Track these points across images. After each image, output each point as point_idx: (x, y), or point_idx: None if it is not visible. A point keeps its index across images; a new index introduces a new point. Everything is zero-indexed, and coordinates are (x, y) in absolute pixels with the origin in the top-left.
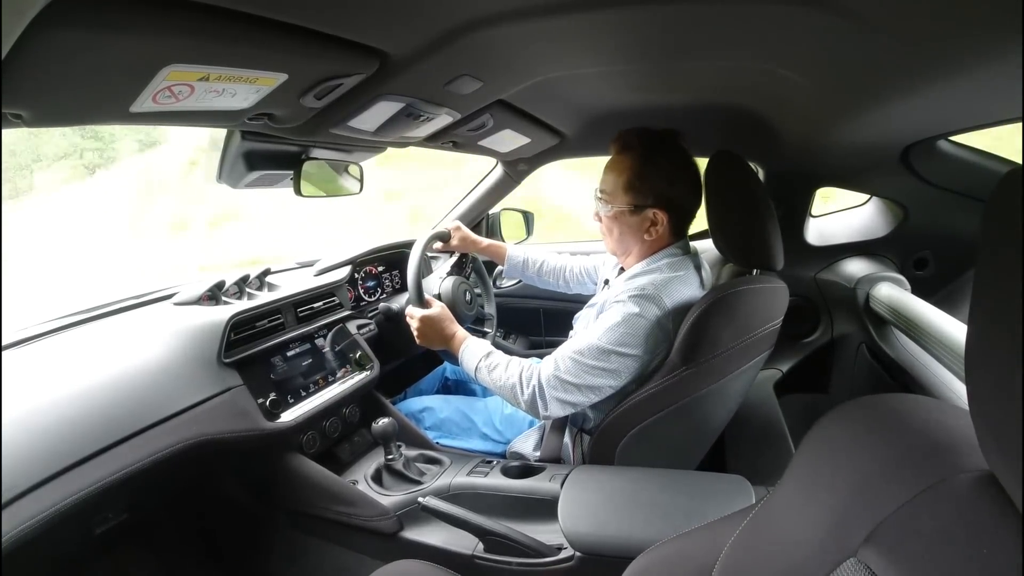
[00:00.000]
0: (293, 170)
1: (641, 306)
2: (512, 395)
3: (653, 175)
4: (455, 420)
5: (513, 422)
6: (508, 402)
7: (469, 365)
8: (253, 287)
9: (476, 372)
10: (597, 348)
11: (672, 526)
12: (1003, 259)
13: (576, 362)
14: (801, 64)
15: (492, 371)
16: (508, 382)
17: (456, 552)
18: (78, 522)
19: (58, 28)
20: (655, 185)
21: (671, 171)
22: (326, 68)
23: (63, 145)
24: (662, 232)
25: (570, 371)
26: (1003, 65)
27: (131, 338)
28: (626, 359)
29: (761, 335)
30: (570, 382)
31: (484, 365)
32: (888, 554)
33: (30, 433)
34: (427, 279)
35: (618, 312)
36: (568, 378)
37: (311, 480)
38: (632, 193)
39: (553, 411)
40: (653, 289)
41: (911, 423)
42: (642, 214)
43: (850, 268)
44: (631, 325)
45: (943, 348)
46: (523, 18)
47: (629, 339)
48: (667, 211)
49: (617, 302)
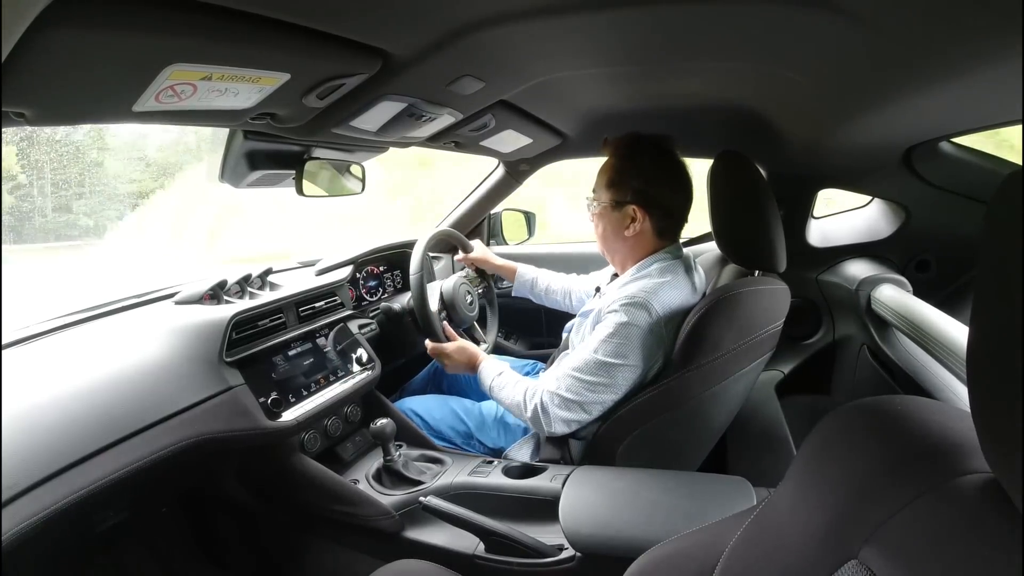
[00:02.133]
0: (295, 170)
1: (631, 314)
2: (519, 413)
3: (631, 172)
4: (449, 423)
5: (507, 428)
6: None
7: (484, 384)
8: (255, 286)
9: (490, 391)
10: (595, 362)
11: (673, 527)
12: (1005, 261)
13: (575, 379)
14: (803, 65)
15: (502, 390)
16: (514, 400)
17: (457, 552)
18: (79, 521)
19: (61, 27)
20: (633, 182)
21: (651, 169)
22: (328, 68)
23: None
24: (642, 230)
25: (571, 389)
26: (1005, 67)
27: (132, 337)
28: (623, 370)
29: (763, 337)
30: (571, 399)
31: (496, 384)
32: (889, 556)
33: (31, 431)
34: (429, 285)
35: (611, 323)
36: (569, 396)
37: (312, 479)
38: (612, 190)
39: (557, 429)
40: (644, 296)
41: (912, 425)
42: (622, 211)
43: (852, 270)
44: (624, 335)
45: (945, 350)
46: (525, 19)
47: (624, 349)
48: (645, 208)
49: (610, 312)
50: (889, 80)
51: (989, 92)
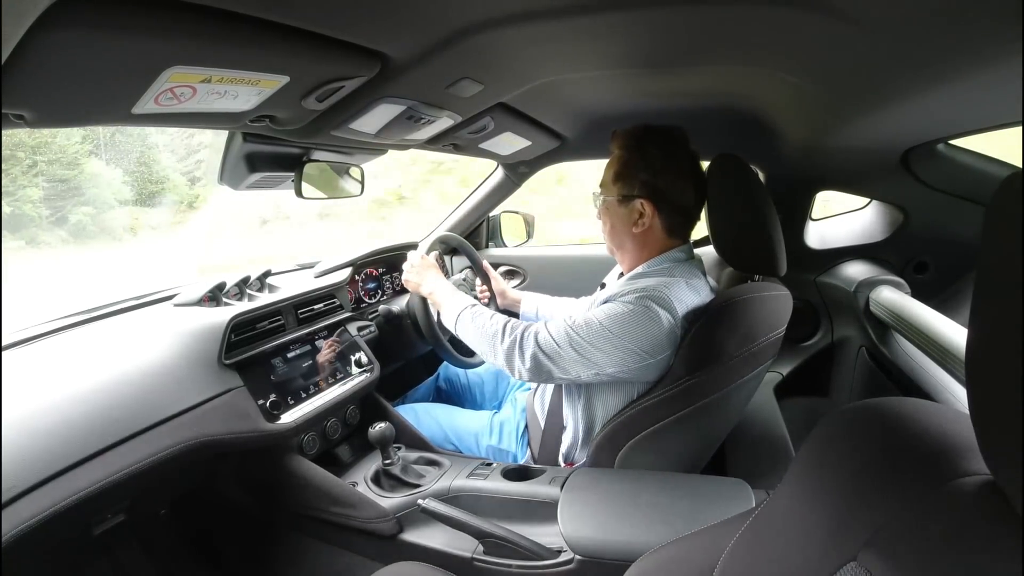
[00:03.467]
0: (294, 172)
1: (651, 307)
2: (491, 344)
3: (640, 164)
4: (443, 434)
5: (501, 436)
6: (483, 355)
7: (452, 311)
8: (253, 288)
9: (458, 319)
10: (594, 325)
11: (672, 529)
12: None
13: (566, 330)
14: (801, 68)
15: (476, 317)
16: (492, 328)
17: (455, 554)
18: (77, 523)
19: (60, 29)
20: (640, 174)
21: (659, 161)
22: (328, 70)
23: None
24: (651, 226)
25: (558, 336)
26: (1003, 69)
27: (132, 339)
28: (623, 351)
29: (765, 343)
30: (552, 344)
31: (469, 313)
32: (888, 558)
33: (30, 433)
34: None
35: (625, 307)
36: (551, 341)
37: (311, 482)
38: (620, 183)
39: (528, 367)
40: (664, 292)
41: (911, 427)
42: (630, 205)
43: (850, 271)
44: (638, 322)
45: (943, 352)
46: (524, 22)
47: (633, 332)
48: (653, 202)
49: (623, 300)
50: (887, 82)
51: (987, 94)
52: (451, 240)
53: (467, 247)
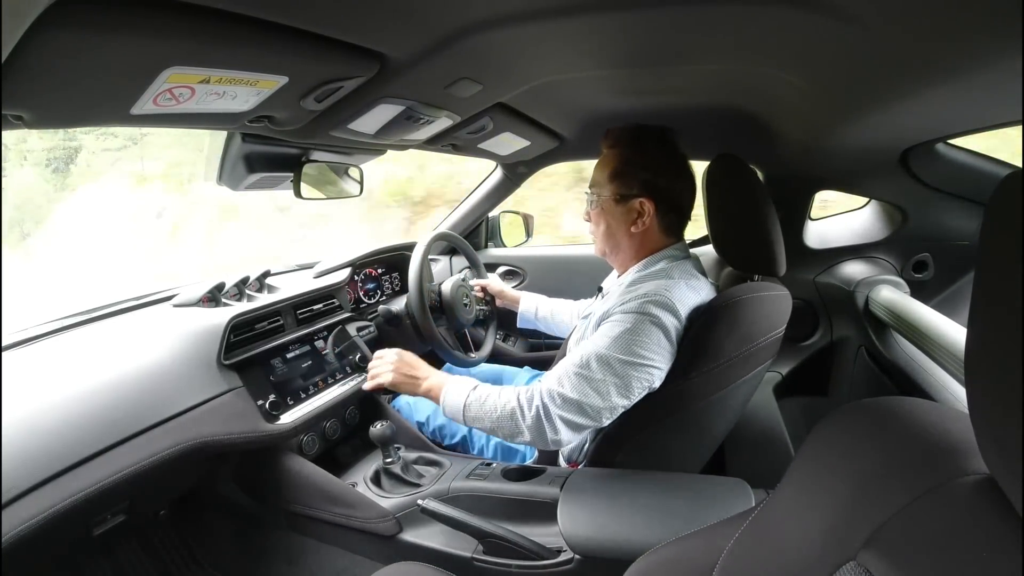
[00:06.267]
0: (293, 172)
1: (654, 313)
2: (513, 425)
3: (639, 163)
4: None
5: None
6: (508, 440)
7: (456, 402)
8: (252, 289)
9: (465, 409)
10: (603, 358)
11: (671, 529)
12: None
13: (580, 376)
14: (800, 67)
15: (484, 402)
16: (507, 408)
17: (455, 554)
18: (77, 523)
19: (59, 30)
20: (641, 173)
21: (658, 159)
22: (326, 71)
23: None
24: (650, 225)
25: (575, 388)
26: (1002, 68)
27: (131, 340)
28: (640, 370)
29: (764, 344)
30: (575, 401)
31: (474, 398)
32: (887, 557)
33: (30, 434)
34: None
35: (627, 319)
36: (573, 395)
37: (310, 482)
38: (617, 182)
39: (562, 436)
40: (667, 295)
41: (910, 426)
42: (628, 204)
43: (849, 271)
44: (645, 333)
45: (942, 351)
46: (523, 21)
47: (642, 348)
48: (653, 200)
49: (624, 312)
50: (886, 82)
51: (986, 93)
52: (450, 238)
53: (466, 247)
